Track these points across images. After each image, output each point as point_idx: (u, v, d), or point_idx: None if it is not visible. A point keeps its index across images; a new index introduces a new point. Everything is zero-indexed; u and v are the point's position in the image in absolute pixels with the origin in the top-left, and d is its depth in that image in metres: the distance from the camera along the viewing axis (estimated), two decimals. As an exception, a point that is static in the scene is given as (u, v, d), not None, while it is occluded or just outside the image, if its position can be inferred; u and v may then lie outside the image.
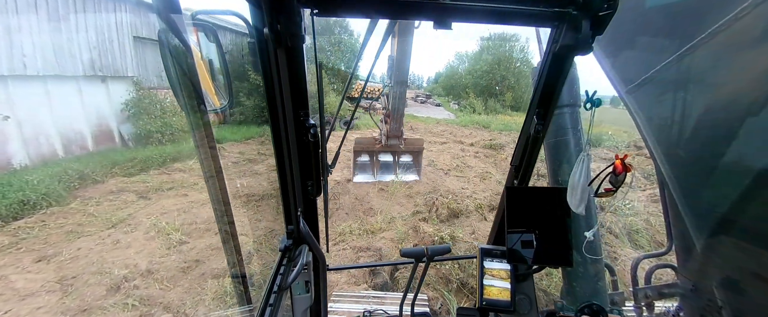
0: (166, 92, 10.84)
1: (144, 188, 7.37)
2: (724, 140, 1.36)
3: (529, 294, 1.72)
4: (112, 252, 5.09)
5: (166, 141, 10.00)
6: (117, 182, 7.54)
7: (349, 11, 1.07)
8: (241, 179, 8.46)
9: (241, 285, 1.32)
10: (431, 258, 1.77)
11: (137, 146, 9.73)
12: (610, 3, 0.99)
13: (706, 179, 1.49)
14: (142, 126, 9.86)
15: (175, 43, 0.85)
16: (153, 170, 8.50)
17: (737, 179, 1.31)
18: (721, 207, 1.41)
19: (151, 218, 6.11)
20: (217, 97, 1.04)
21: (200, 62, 0.94)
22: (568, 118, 1.80)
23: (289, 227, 1.43)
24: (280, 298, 1.23)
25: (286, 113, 1.16)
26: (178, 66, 0.86)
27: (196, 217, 6.31)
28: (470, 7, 1.06)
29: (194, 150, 9.47)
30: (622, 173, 1.19)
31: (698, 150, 1.49)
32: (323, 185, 1.43)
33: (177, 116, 10.53)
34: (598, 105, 1.22)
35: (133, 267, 4.73)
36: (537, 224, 1.53)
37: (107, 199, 6.75)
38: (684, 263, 1.78)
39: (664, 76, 1.53)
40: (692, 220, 1.60)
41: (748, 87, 1.27)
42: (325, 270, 1.69)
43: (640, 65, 1.61)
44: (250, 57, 1.05)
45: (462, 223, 6.70)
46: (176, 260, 5.06)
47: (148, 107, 10.20)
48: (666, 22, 1.53)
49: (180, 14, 0.86)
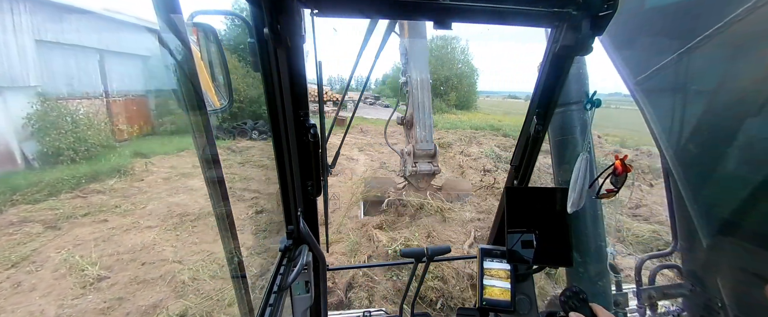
0: (78, 102, 9.66)
1: (52, 217, 6.31)
2: (732, 138, 1.35)
3: (529, 294, 1.72)
4: (11, 298, 4.25)
5: (81, 159, 8.69)
6: (18, 211, 6.38)
7: (349, 11, 1.07)
8: (172, 197, 7.46)
9: (240, 285, 1.32)
10: (431, 258, 1.78)
11: (44, 166, 8.39)
12: (610, 3, 0.99)
13: (714, 176, 1.48)
14: (50, 143, 8.50)
15: (175, 43, 0.85)
16: (64, 193, 7.29)
17: (745, 180, 1.31)
18: (728, 206, 1.41)
19: (62, 252, 5.27)
20: (217, 97, 1.04)
21: (200, 62, 0.94)
22: (575, 116, 1.78)
23: (289, 227, 1.43)
24: (280, 298, 1.23)
25: (286, 113, 1.16)
26: (178, 66, 0.86)
27: (118, 246, 5.50)
28: (470, 7, 1.06)
29: (118, 165, 8.78)
30: (623, 174, 1.19)
31: (708, 146, 1.48)
32: (323, 185, 1.44)
33: (93, 128, 9.42)
34: (598, 105, 1.22)
35: (38, 316, 3.98)
36: (537, 225, 1.53)
37: (5, 233, 5.67)
38: (688, 263, 1.78)
39: (675, 70, 1.51)
40: (699, 216, 1.58)
41: (759, 85, 1.25)
42: (325, 270, 1.70)
43: (651, 58, 1.59)
44: (251, 57, 1.05)
45: (420, 223, 6.21)
46: (94, 301, 4.26)
47: (56, 120, 8.78)
48: (675, 18, 1.52)
49: (180, 14, 0.86)
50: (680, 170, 1.62)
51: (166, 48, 0.83)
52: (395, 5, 1.06)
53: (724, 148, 1.40)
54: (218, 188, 1.05)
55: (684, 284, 1.87)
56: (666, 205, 1.94)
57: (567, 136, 1.80)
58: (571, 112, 1.78)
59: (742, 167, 1.32)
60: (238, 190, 8.38)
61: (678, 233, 1.79)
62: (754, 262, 1.38)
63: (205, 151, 0.99)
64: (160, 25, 0.81)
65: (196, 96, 0.92)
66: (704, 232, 1.59)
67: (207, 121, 0.98)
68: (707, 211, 1.55)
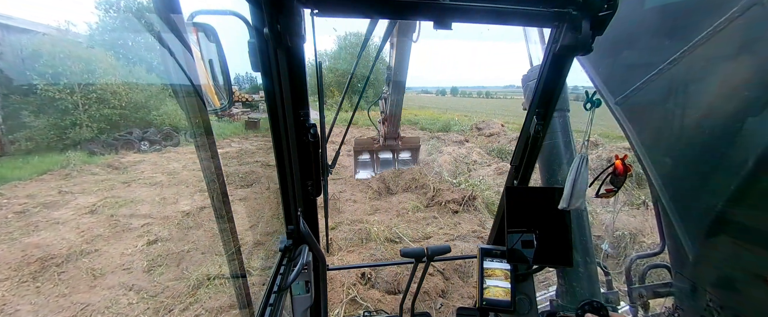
0: None
1: None
2: (712, 144, 1.40)
3: (529, 294, 1.72)
4: None
5: None
6: None
7: (349, 11, 1.07)
8: (28, 237, 5.67)
9: (240, 285, 1.33)
10: (431, 258, 1.78)
11: None
12: (610, 3, 0.99)
13: (695, 183, 1.53)
14: None
15: (175, 43, 0.85)
16: None
17: (727, 180, 1.33)
18: (712, 209, 1.44)
19: None
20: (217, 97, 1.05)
21: (200, 62, 0.95)
22: (557, 122, 1.85)
23: (289, 227, 1.44)
24: (280, 298, 1.23)
25: (286, 113, 1.17)
26: (178, 66, 0.86)
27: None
28: (470, 7, 1.06)
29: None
30: (623, 174, 1.18)
31: (687, 155, 1.53)
32: (323, 185, 1.44)
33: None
34: (598, 105, 1.22)
35: None
36: (537, 225, 1.52)
37: None
38: (677, 262, 1.80)
39: (652, 87, 1.59)
40: (683, 226, 1.64)
41: (734, 93, 1.30)
42: (325, 270, 1.70)
43: (629, 76, 1.67)
44: (250, 57, 1.06)
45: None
46: None
47: None
48: (654, 32, 1.58)
49: (180, 14, 0.87)
50: (660, 180, 1.67)
51: (166, 48, 0.84)
52: (395, 5, 1.06)
53: (703, 153, 1.45)
54: (218, 188, 1.06)
55: (673, 283, 1.89)
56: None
57: (552, 140, 1.86)
58: (553, 118, 1.81)
59: (723, 168, 1.36)
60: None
61: (665, 233, 1.81)
62: (739, 259, 1.41)
63: (205, 151, 1.00)
64: (160, 25, 0.82)
65: (196, 96, 0.93)
66: (688, 240, 1.63)
67: (207, 121, 0.98)
68: (690, 217, 1.60)
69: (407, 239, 6.10)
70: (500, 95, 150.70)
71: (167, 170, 10.33)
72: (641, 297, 2.06)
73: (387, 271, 4.76)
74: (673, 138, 1.57)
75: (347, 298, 4.29)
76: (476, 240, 6.03)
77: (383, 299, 4.34)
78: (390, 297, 4.45)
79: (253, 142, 14.46)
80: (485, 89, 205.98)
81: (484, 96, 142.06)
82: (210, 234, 6.15)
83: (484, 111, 36.21)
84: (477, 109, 41.80)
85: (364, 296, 4.35)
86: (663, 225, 1.83)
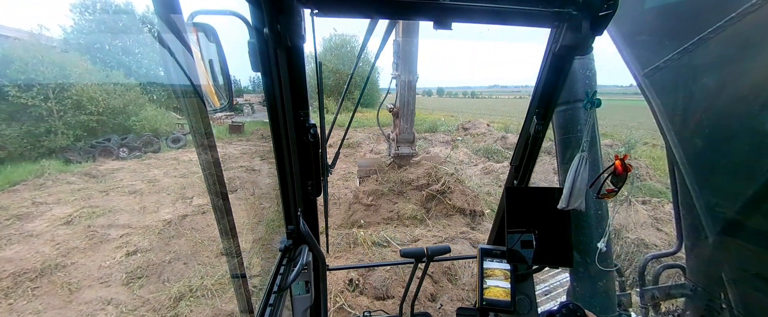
0: None
1: None
2: (740, 132, 1.33)
3: (529, 294, 1.73)
4: None
5: None
6: None
7: (349, 11, 1.07)
8: (1, 251, 5.32)
9: (240, 285, 1.30)
10: (431, 258, 1.78)
11: None
12: (610, 3, 1.01)
13: (721, 170, 1.45)
14: None
15: (175, 43, 0.83)
16: None
17: (751, 176, 1.30)
18: (734, 202, 1.38)
19: None
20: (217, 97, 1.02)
21: (200, 62, 0.92)
22: (581, 113, 1.75)
23: (289, 227, 1.42)
24: (280, 298, 1.22)
25: (286, 113, 1.15)
26: (178, 66, 0.84)
27: None
28: (470, 7, 1.07)
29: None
30: (623, 174, 1.20)
31: (715, 140, 1.45)
32: (323, 185, 1.43)
33: None
34: (598, 105, 1.24)
35: None
36: (537, 225, 1.54)
37: None
38: (693, 262, 1.77)
39: (683, 62, 1.48)
40: (705, 211, 1.56)
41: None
42: (325, 270, 1.68)
43: (659, 51, 1.57)
44: (250, 57, 1.04)
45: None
46: None
47: None
48: (685, 11, 1.48)
49: (180, 14, 0.84)
50: (687, 164, 1.58)
51: (166, 48, 0.81)
52: (395, 5, 1.06)
53: (731, 143, 1.38)
54: (218, 188, 1.03)
55: (687, 284, 1.86)
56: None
57: (570, 134, 1.78)
58: (576, 109, 1.75)
59: (750, 163, 1.30)
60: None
61: (683, 228, 1.78)
62: (759, 262, 1.38)
63: (205, 151, 0.97)
64: (160, 25, 0.80)
65: (196, 96, 0.90)
66: (710, 229, 1.56)
67: (207, 121, 0.96)
68: (714, 206, 1.52)
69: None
70: (485, 94, 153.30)
71: (147, 177, 9.99)
72: (654, 299, 2.02)
73: (376, 276, 4.68)
74: (707, 118, 1.44)
75: (335, 307, 4.19)
76: (463, 241, 6.06)
77: (371, 306, 4.24)
78: (379, 302, 4.36)
79: (236, 146, 14.08)
80: (470, 89, 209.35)
81: (469, 96, 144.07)
82: (192, 243, 5.96)
83: (470, 111, 36.67)
84: (463, 109, 42.26)
85: (352, 303, 4.26)
86: (681, 217, 1.77)
